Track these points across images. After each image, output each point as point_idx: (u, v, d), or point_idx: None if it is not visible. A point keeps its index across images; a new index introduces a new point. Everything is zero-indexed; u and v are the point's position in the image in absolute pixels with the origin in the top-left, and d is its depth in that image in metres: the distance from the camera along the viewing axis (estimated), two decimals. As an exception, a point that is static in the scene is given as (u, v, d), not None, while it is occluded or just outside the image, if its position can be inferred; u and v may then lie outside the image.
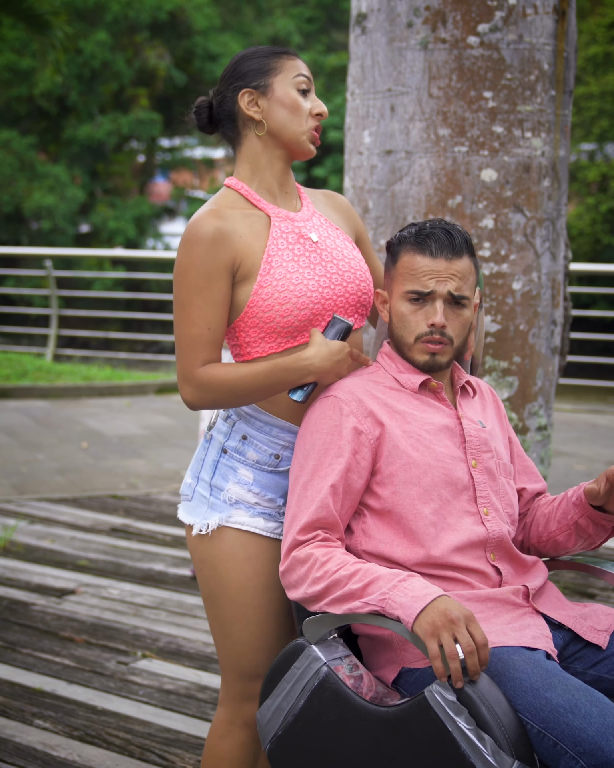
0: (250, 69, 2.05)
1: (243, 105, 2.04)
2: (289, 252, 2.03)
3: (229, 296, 2.00)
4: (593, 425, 8.04)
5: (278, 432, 2.06)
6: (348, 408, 1.96)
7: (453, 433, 2.01)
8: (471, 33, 3.39)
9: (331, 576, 1.83)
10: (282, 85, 2.04)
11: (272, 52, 2.07)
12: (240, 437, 2.07)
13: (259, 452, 2.06)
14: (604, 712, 1.64)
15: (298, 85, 2.05)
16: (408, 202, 3.51)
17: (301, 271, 2.02)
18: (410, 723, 1.71)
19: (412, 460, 1.94)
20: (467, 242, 2.01)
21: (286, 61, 2.06)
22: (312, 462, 1.94)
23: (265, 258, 2.00)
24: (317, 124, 2.07)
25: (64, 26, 8.75)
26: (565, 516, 2.08)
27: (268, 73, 2.04)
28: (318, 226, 2.11)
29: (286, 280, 2.00)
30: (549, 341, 3.64)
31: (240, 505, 2.06)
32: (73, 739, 2.96)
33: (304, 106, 2.05)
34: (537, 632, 1.90)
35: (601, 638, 1.96)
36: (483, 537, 1.95)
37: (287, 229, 2.05)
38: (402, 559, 1.92)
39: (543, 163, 3.51)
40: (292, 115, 2.04)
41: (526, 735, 1.68)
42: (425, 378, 2.03)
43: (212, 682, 3.37)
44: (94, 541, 4.93)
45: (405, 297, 1.99)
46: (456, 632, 1.67)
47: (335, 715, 1.83)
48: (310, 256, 2.05)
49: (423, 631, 1.68)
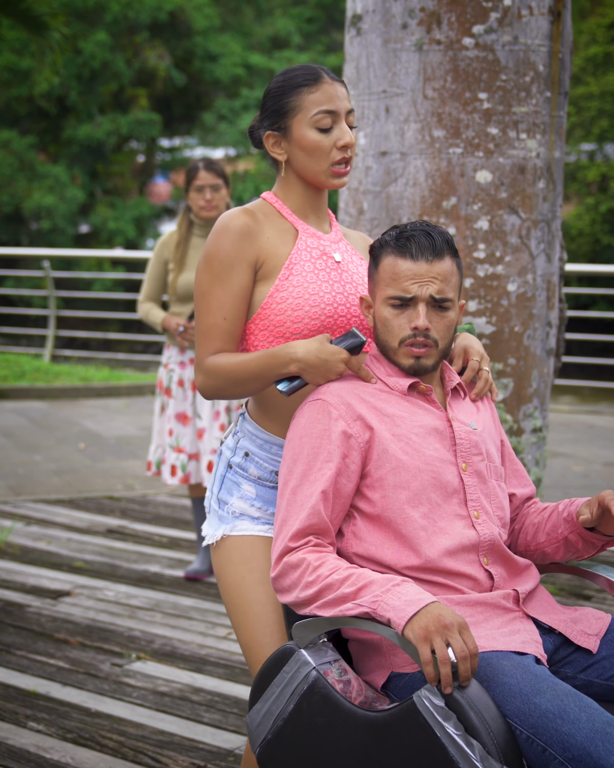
0: (272, 109, 2.07)
1: (268, 147, 2.09)
2: (310, 264, 2.06)
3: (248, 290, 2.04)
4: (590, 426, 8.03)
5: (278, 450, 2.10)
6: (337, 412, 1.95)
7: (443, 435, 2.00)
8: (466, 34, 3.39)
9: (324, 580, 1.82)
10: (299, 127, 2.04)
11: (295, 85, 2.05)
12: (243, 454, 2.12)
13: (259, 469, 2.11)
14: (593, 718, 1.64)
15: (317, 123, 2.04)
16: (403, 204, 3.50)
17: (319, 283, 2.05)
18: (399, 728, 1.71)
19: (402, 464, 1.93)
20: (448, 243, 2.00)
21: (305, 95, 2.04)
22: (302, 466, 1.94)
23: (287, 264, 2.04)
24: (343, 156, 2.06)
25: (62, 27, 8.74)
26: (554, 529, 2.08)
27: (286, 115, 2.05)
28: (344, 250, 2.15)
29: (302, 288, 2.03)
30: (544, 343, 3.63)
31: (244, 517, 2.11)
32: (67, 741, 2.96)
33: (323, 145, 2.04)
34: (526, 637, 1.90)
35: (591, 642, 1.96)
36: (475, 541, 1.94)
37: (313, 245, 2.09)
38: (393, 562, 1.91)
39: (538, 164, 3.51)
40: (310, 157, 2.05)
41: (515, 740, 1.68)
42: (413, 381, 2.02)
43: (206, 684, 3.36)
44: (90, 543, 4.93)
45: (387, 302, 1.99)
46: (449, 638, 1.66)
47: (324, 719, 1.83)
48: (331, 273, 2.08)
49: (415, 635, 1.68)
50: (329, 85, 2.04)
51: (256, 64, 22.10)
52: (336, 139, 2.04)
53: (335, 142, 2.04)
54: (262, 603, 2.07)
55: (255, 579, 2.07)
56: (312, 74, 2.05)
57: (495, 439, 2.13)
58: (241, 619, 2.08)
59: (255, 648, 2.07)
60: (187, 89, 22.72)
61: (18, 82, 20.27)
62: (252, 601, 2.07)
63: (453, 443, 2.01)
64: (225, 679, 3.41)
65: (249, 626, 2.08)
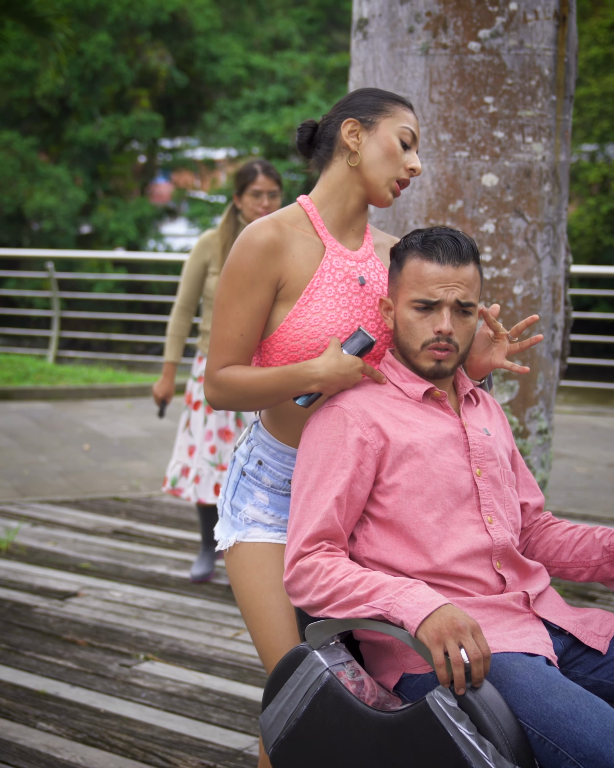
0: (363, 103, 2.07)
1: (344, 132, 2.05)
2: (332, 288, 2.04)
3: (268, 307, 2.02)
4: (594, 427, 8.05)
5: (290, 459, 2.11)
6: (353, 419, 1.96)
7: (458, 441, 2.01)
8: (472, 38, 3.41)
9: (337, 583, 1.84)
10: (387, 128, 2.05)
11: (392, 97, 2.08)
12: (256, 462, 2.13)
13: (272, 477, 2.12)
14: (604, 718, 1.65)
15: (402, 135, 2.05)
16: (410, 207, 3.52)
17: (338, 310, 2.03)
18: (412, 728, 1.72)
19: (416, 470, 1.94)
20: (473, 249, 2.01)
21: (400, 109, 2.07)
22: (316, 472, 1.95)
23: (308, 288, 2.02)
24: (405, 179, 2.07)
25: (66, 29, 8.75)
26: (586, 554, 2.09)
27: (378, 112, 2.05)
28: (371, 269, 2.12)
29: (320, 315, 2.02)
30: (549, 345, 3.65)
31: (257, 524, 2.13)
32: (76, 741, 2.98)
33: (399, 155, 2.05)
34: (537, 638, 1.91)
35: (602, 643, 1.97)
36: (488, 546, 1.95)
37: (338, 265, 2.06)
38: (405, 567, 1.93)
39: (544, 167, 3.53)
40: (386, 157, 2.05)
41: (527, 741, 1.69)
42: (429, 387, 2.03)
43: (214, 685, 3.38)
44: (96, 544, 4.94)
45: (411, 305, 1.99)
46: (462, 640, 1.68)
47: (337, 720, 1.84)
48: (353, 298, 2.06)
49: (428, 637, 1.69)
50: (414, 116, 2.09)
51: (257, 64, 22.11)
52: (408, 160, 2.05)
53: (406, 162, 2.05)
54: (275, 609, 2.09)
55: (268, 585, 2.09)
56: (404, 100, 2.09)
57: (506, 446, 2.14)
58: (256, 625, 2.11)
59: (269, 653, 2.09)
60: (189, 90, 22.75)
61: (20, 83, 20.29)
62: (265, 606, 2.09)
63: (467, 449, 2.02)
64: (233, 679, 3.43)
65: (263, 632, 2.10)
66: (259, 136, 20.94)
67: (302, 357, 2.02)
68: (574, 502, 5.76)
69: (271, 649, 2.09)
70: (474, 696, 1.68)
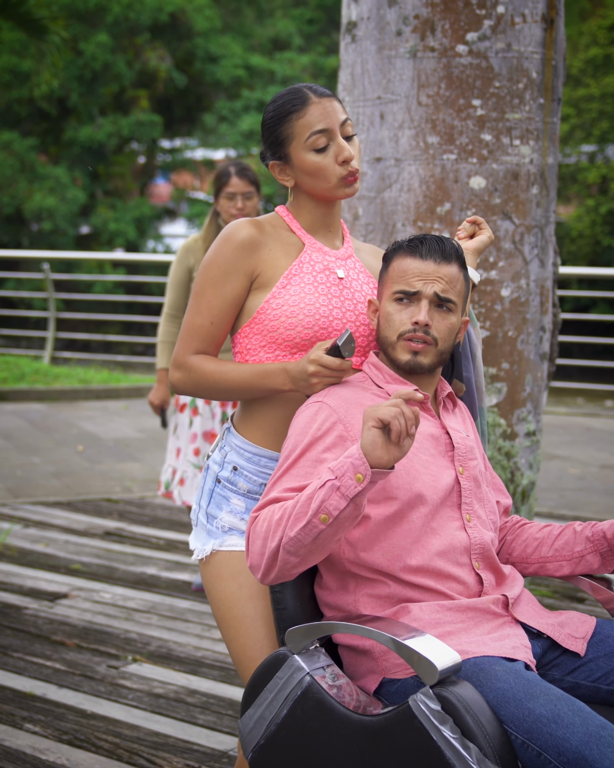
0: (269, 141, 2.10)
1: (275, 175, 2.12)
2: (310, 277, 2.08)
3: (240, 298, 2.08)
4: (587, 428, 8.05)
5: (266, 462, 2.11)
6: (337, 415, 1.97)
7: (439, 441, 2.03)
8: (460, 41, 3.41)
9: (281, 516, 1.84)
10: (297, 153, 2.07)
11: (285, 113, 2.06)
12: (231, 468, 2.13)
13: (248, 482, 2.12)
14: (587, 722, 1.65)
15: (312, 146, 2.05)
16: (398, 209, 3.52)
17: (316, 295, 2.07)
18: (394, 732, 1.72)
19: (398, 468, 1.96)
20: (457, 251, 2.03)
21: (295, 122, 2.05)
22: (291, 460, 1.95)
23: (286, 274, 2.07)
24: (347, 170, 2.07)
25: (62, 31, 8.75)
26: (568, 547, 2.10)
27: (282, 144, 2.08)
28: (351, 267, 2.15)
29: (299, 297, 2.05)
30: (537, 347, 3.65)
31: (233, 532, 2.12)
32: (63, 743, 2.98)
33: (324, 165, 2.06)
34: (516, 642, 1.91)
35: (579, 645, 1.98)
36: (466, 544, 1.97)
37: (317, 259, 2.11)
38: (386, 565, 1.93)
39: (532, 170, 3.53)
40: (314, 178, 2.07)
41: (510, 744, 1.69)
42: (413, 388, 2.04)
43: (201, 686, 3.39)
44: (88, 545, 4.95)
45: (392, 297, 2.02)
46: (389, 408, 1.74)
47: (318, 724, 1.84)
48: (331, 288, 2.09)
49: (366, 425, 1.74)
50: (316, 104, 2.05)
51: (256, 65, 22.11)
52: (335, 155, 2.06)
53: (335, 158, 2.06)
54: (252, 618, 2.08)
55: (244, 594, 2.08)
56: (298, 98, 2.05)
57: (479, 451, 2.16)
58: (232, 633, 2.10)
59: (246, 663, 2.09)
60: (188, 90, 22.73)
61: (19, 84, 20.28)
62: (242, 616, 2.08)
63: (449, 448, 2.04)
64: (220, 681, 3.43)
65: (240, 641, 2.09)
66: (258, 137, 20.91)
67: (281, 338, 2.05)
68: (566, 503, 5.76)
69: (248, 659, 2.08)
70: (457, 698, 1.68)
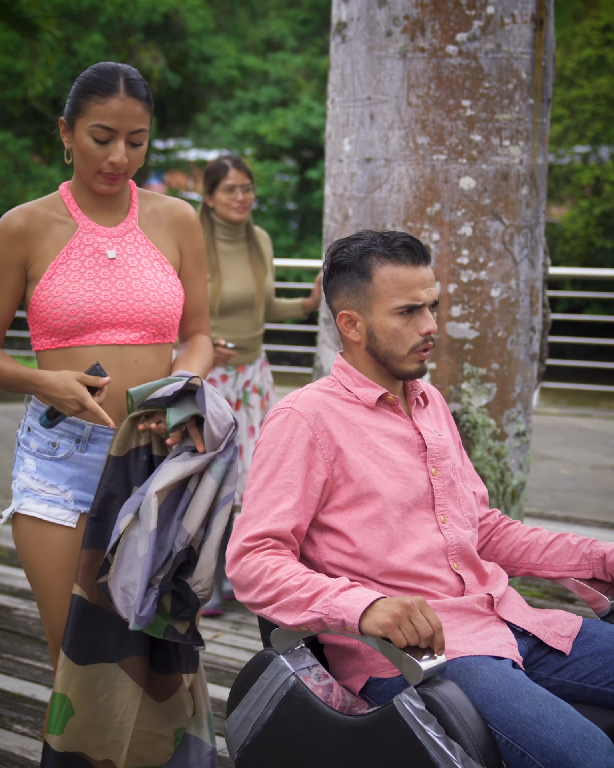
0: (70, 101, 2.14)
1: (61, 132, 2.16)
2: (77, 263, 2.15)
3: (18, 288, 2.18)
4: (579, 429, 8.05)
5: None
6: (306, 421, 1.97)
7: (411, 443, 2.03)
8: (450, 42, 3.41)
9: (281, 584, 1.83)
10: (80, 129, 2.11)
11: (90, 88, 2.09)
12: (27, 429, 2.23)
13: (38, 441, 2.20)
14: (571, 723, 1.66)
15: (93, 134, 2.09)
16: (388, 210, 3.53)
17: (81, 282, 2.14)
18: (379, 732, 1.72)
19: (371, 472, 1.96)
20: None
21: (92, 104, 2.08)
22: (266, 472, 1.95)
23: (53, 264, 2.14)
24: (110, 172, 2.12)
25: (54, 30, 8.75)
26: (560, 557, 2.11)
27: (75, 113, 2.12)
28: (128, 243, 2.20)
29: (63, 287, 2.13)
30: (527, 348, 3.66)
31: (28, 493, 2.21)
32: (51, 744, 2.97)
33: (93, 154, 2.10)
34: (502, 640, 1.92)
35: (565, 644, 1.99)
36: (443, 545, 1.97)
37: (87, 242, 2.17)
38: (366, 570, 1.93)
39: (522, 171, 3.53)
40: (82, 157, 2.13)
41: (495, 743, 1.70)
42: (382, 392, 2.05)
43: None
44: (79, 546, 4.94)
45: (394, 312, 1.99)
46: (412, 618, 1.66)
47: (303, 724, 1.84)
48: (100, 271, 2.16)
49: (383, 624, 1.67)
50: (120, 101, 2.08)
51: (250, 66, 22.10)
52: (108, 155, 2.10)
53: (106, 155, 2.10)
54: (59, 593, 2.19)
55: (51, 567, 2.19)
56: (109, 83, 2.09)
57: (454, 442, 2.17)
58: (40, 599, 2.24)
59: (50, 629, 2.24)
60: (182, 91, 22.72)
61: (12, 84, 20.26)
62: (50, 588, 2.20)
63: (421, 450, 2.04)
64: (209, 681, 3.42)
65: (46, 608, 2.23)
66: (251, 137, 20.94)
67: (51, 327, 2.13)
68: (557, 504, 5.76)
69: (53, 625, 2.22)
70: (441, 698, 1.68)
